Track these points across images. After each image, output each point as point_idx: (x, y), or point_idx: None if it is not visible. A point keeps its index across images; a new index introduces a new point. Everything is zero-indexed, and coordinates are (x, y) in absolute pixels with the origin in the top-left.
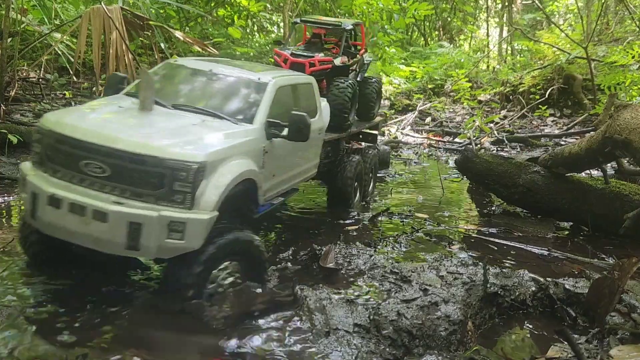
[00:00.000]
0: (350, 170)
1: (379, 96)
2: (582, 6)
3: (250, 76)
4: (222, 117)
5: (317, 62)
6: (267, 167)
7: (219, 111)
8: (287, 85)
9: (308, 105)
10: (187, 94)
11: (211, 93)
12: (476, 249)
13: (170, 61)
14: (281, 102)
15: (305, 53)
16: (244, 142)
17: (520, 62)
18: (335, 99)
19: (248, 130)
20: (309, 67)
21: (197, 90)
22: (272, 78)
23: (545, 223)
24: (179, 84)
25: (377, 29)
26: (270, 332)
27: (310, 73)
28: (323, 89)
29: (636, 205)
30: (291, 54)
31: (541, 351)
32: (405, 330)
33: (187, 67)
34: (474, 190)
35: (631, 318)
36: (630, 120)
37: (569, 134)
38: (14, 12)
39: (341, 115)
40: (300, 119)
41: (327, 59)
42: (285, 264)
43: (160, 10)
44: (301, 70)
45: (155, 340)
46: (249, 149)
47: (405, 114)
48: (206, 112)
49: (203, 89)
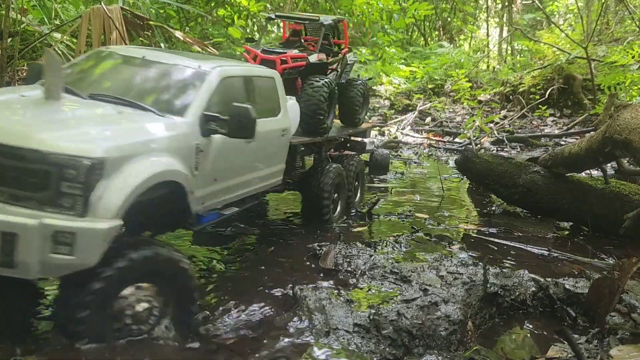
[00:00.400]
0: (326, 179)
1: (366, 100)
2: (582, 6)
3: (189, 64)
4: (146, 109)
5: (290, 59)
6: (204, 169)
7: (143, 102)
8: (237, 76)
9: (267, 101)
10: (111, 83)
11: (140, 82)
12: (476, 249)
13: (102, 49)
14: (228, 96)
15: (278, 50)
16: (165, 138)
17: (520, 62)
18: (309, 99)
19: (174, 124)
20: (280, 64)
21: (124, 79)
22: (217, 67)
23: (545, 223)
24: (104, 72)
25: (377, 29)
26: (270, 332)
27: (282, 71)
28: (298, 88)
29: (636, 205)
30: (262, 50)
31: (541, 351)
32: (405, 330)
33: (117, 55)
34: (474, 190)
35: (631, 318)
36: (630, 120)
37: (569, 134)
38: (14, 12)
39: (316, 117)
40: (243, 111)
41: (301, 55)
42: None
43: (160, 10)
44: (272, 67)
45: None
46: (173, 146)
47: (405, 114)
48: (127, 102)
49: (131, 78)
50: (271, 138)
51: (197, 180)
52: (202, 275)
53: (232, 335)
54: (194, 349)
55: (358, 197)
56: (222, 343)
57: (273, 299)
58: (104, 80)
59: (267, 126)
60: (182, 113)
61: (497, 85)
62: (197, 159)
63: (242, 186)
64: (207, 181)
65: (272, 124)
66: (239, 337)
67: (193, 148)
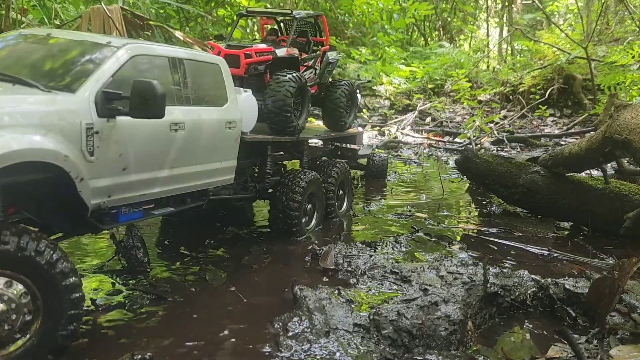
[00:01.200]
0: (296, 187)
1: (353, 103)
2: (582, 6)
3: (98, 40)
4: (31, 85)
5: (254, 53)
6: (106, 155)
7: (32, 78)
8: (157, 56)
9: (207, 89)
10: (6, 62)
11: (37, 59)
12: (476, 249)
13: (12, 31)
14: (144, 77)
15: (243, 45)
16: (36, 113)
17: (520, 62)
18: (274, 94)
19: (55, 100)
20: (244, 58)
21: (20, 57)
22: (129, 43)
23: (545, 223)
24: (6, 52)
25: (377, 28)
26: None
27: (246, 65)
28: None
29: (636, 205)
30: (226, 45)
31: (541, 351)
32: (405, 330)
33: (23, 34)
34: (474, 190)
35: (631, 318)
36: (630, 120)
37: (569, 134)
38: (14, 12)
39: (282, 115)
40: (145, 86)
41: (267, 49)
42: None
43: (160, 10)
44: (236, 62)
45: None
46: (47, 124)
47: (405, 114)
48: (10, 78)
49: (28, 55)
50: (211, 129)
51: (94, 167)
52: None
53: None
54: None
55: (344, 207)
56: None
57: (273, 299)
58: (1, 59)
59: (204, 115)
60: (71, 89)
61: (497, 85)
62: (92, 142)
63: (171, 181)
64: (113, 170)
65: (212, 114)
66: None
67: (82, 128)
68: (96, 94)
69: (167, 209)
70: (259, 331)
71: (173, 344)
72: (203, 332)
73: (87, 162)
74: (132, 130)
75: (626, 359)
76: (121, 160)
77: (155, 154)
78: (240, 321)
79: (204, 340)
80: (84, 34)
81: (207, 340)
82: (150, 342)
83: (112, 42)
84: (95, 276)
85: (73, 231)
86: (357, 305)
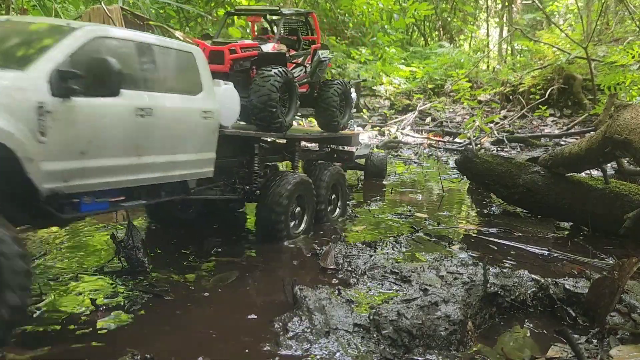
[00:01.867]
0: (281, 190)
1: (348, 103)
2: (582, 6)
3: (59, 23)
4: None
5: (239, 49)
6: (60, 136)
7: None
8: (121, 39)
9: (179, 77)
10: None
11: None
12: (476, 249)
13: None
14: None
15: (228, 41)
16: None
17: (520, 62)
18: (259, 89)
19: (5, 76)
20: (228, 53)
21: None
22: (89, 26)
23: (545, 223)
24: None
25: (377, 28)
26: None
27: (231, 61)
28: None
29: (636, 205)
30: (211, 42)
31: (541, 351)
32: (405, 330)
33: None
34: (474, 190)
35: (631, 318)
36: (630, 120)
37: (569, 134)
38: (13, 12)
39: (267, 110)
40: (99, 63)
41: (252, 44)
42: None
43: (160, 10)
44: (220, 58)
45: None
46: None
47: (405, 114)
48: None
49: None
50: (184, 117)
51: (46, 149)
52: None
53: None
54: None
55: (338, 212)
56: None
57: (273, 299)
58: None
59: (176, 103)
60: (22, 67)
61: (497, 85)
62: (43, 122)
63: (138, 170)
64: (69, 153)
65: (184, 102)
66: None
67: (32, 107)
68: (50, 73)
69: (139, 202)
70: (259, 331)
71: (173, 344)
72: (203, 332)
73: (38, 143)
74: (91, 112)
75: (626, 359)
76: (78, 143)
77: (119, 139)
78: (240, 321)
79: (204, 340)
80: (45, 18)
81: (207, 340)
82: (151, 342)
83: (72, 24)
84: (95, 277)
85: (32, 221)
86: (357, 305)
